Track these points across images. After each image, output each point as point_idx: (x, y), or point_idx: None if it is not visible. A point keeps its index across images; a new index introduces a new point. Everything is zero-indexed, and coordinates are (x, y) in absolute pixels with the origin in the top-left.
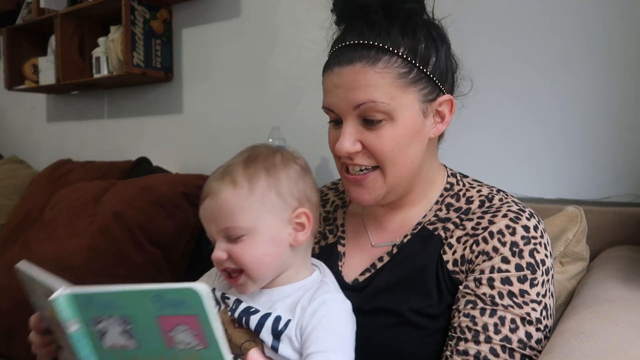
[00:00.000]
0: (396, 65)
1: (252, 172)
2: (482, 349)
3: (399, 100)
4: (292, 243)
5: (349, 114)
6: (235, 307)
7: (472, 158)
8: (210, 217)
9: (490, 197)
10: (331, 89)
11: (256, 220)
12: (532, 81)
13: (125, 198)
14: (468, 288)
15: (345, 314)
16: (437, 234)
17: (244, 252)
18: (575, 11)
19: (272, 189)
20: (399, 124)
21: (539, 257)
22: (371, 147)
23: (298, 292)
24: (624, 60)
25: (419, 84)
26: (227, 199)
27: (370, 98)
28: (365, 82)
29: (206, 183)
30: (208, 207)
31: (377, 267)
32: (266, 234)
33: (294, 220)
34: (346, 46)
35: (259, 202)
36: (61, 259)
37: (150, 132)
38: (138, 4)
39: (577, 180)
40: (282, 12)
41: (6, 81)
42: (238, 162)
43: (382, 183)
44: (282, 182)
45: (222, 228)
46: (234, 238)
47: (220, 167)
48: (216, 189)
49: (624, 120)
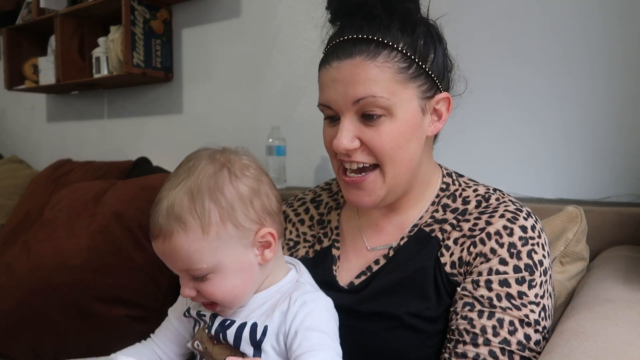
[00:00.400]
0: (396, 59)
1: (199, 207)
2: (481, 352)
3: (399, 96)
4: (261, 262)
5: (347, 110)
6: (212, 323)
7: (472, 158)
8: (165, 257)
9: (487, 196)
10: (329, 84)
11: (217, 258)
12: (531, 81)
13: (125, 198)
14: (466, 290)
15: (327, 310)
16: (434, 235)
17: (213, 289)
18: (575, 11)
19: (226, 221)
20: (398, 120)
21: (537, 257)
22: (370, 143)
23: (274, 295)
24: (624, 60)
25: (418, 80)
26: (180, 245)
27: (371, 93)
28: (365, 77)
29: (152, 215)
30: (161, 249)
31: (373, 270)
32: (231, 266)
33: (258, 241)
34: (345, 41)
35: (216, 241)
36: (61, 259)
37: (150, 132)
38: (138, 4)
39: (577, 180)
40: (282, 12)
41: (6, 81)
42: (181, 196)
43: (382, 184)
44: (236, 210)
45: (183, 269)
46: (199, 278)
47: (163, 199)
48: (165, 231)
49: (624, 120)
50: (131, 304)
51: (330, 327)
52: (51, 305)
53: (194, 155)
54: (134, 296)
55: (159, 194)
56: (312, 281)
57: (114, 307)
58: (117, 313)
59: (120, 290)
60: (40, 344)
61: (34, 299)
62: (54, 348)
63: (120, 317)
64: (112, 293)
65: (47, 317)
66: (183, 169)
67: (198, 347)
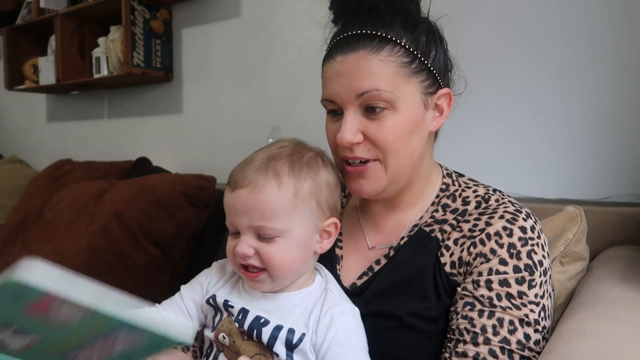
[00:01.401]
0: (399, 54)
1: (297, 173)
2: (481, 351)
3: (402, 90)
4: (317, 250)
5: (350, 104)
6: (243, 318)
7: (473, 157)
8: (244, 209)
9: (487, 197)
10: (332, 78)
11: (293, 224)
12: (532, 80)
13: (125, 198)
14: (466, 290)
15: (355, 322)
16: (434, 236)
17: (274, 254)
18: (578, 11)
19: (313, 196)
20: (401, 114)
21: (537, 258)
22: (373, 136)
23: (305, 300)
24: (625, 60)
25: (421, 75)
26: (270, 197)
27: (374, 86)
28: (369, 70)
29: (240, 169)
30: (243, 198)
31: (374, 270)
32: (298, 239)
33: (324, 229)
34: (349, 36)
35: (300, 207)
36: (61, 259)
37: (150, 132)
38: (138, 4)
39: (577, 180)
40: (282, 12)
41: (6, 81)
42: (282, 157)
43: (383, 174)
44: (322, 190)
45: (256, 225)
46: (266, 237)
47: (259, 155)
48: (258, 181)
49: (625, 120)
50: None
51: (360, 340)
52: None
53: (282, 140)
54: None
55: (250, 156)
56: (338, 287)
57: None
58: None
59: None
60: None
61: None
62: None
63: None
64: None
65: None
66: (276, 145)
67: (224, 339)
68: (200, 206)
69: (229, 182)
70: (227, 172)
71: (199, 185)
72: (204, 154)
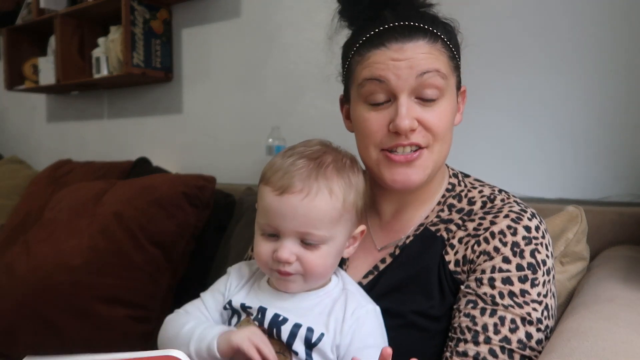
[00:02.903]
0: (446, 50)
1: (346, 183)
2: (481, 350)
3: (449, 81)
4: (344, 255)
5: (405, 88)
6: (262, 316)
7: (472, 157)
8: (293, 214)
9: (492, 197)
10: (387, 62)
11: (336, 232)
12: (531, 80)
13: (125, 198)
14: (469, 288)
15: (380, 323)
16: (439, 235)
17: (317, 261)
18: (574, 9)
19: (354, 206)
20: (448, 103)
21: (540, 257)
22: (428, 123)
23: (324, 300)
24: (625, 60)
25: (456, 71)
26: (323, 206)
27: (436, 67)
28: (430, 55)
29: (285, 173)
30: (295, 204)
31: (379, 269)
32: (338, 244)
33: (353, 235)
34: (400, 26)
35: (343, 216)
36: (61, 259)
37: (150, 132)
38: (138, 4)
39: (577, 180)
40: (282, 12)
41: (6, 81)
42: (329, 163)
43: (431, 162)
44: (360, 198)
45: (303, 231)
46: (311, 244)
47: (301, 159)
48: (311, 189)
49: (624, 120)
50: (131, 304)
51: (382, 340)
52: (51, 305)
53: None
54: (134, 296)
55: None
56: (358, 287)
57: (114, 307)
58: (117, 313)
59: (120, 291)
60: (40, 344)
61: (34, 299)
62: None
63: (120, 318)
64: (112, 293)
65: (47, 317)
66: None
67: None
68: (201, 206)
69: (270, 183)
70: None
71: (199, 185)
72: (204, 154)
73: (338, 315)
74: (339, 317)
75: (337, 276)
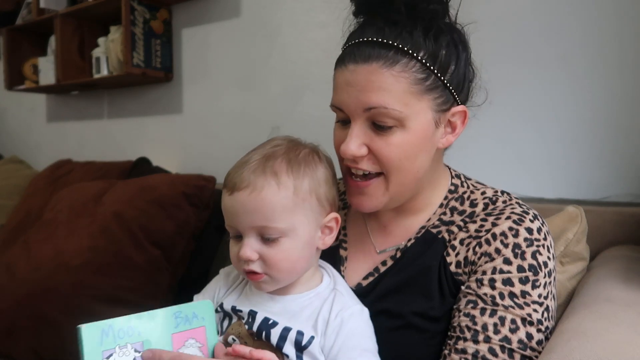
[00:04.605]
0: (414, 70)
1: (296, 171)
2: (481, 349)
3: (412, 108)
4: (320, 246)
5: (358, 116)
6: (252, 320)
7: (472, 157)
8: (244, 211)
9: (494, 199)
10: (343, 87)
11: (295, 222)
12: (531, 80)
13: (125, 198)
14: (470, 288)
15: (365, 324)
16: (440, 236)
17: (279, 255)
18: (574, 11)
19: (313, 193)
20: (410, 132)
21: (542, 259)
22: (378, 153)
23: (313, 302)
24: (624, 60)
25: (435, 92)
26: (271, 197)
27: (383, 103)
28: (380, 85)
29: (236, 171)
30: (243, 200)
31: (380, 271)
32: (303, 237)
33: (325, 224)
34: (364, 42)
35: (301, 205)
36: (61, 259)
37: (150, 132)
38: (138, 4)
39: (577, 180)
40: (282, 12)
41: (6, 81)
42: (279, 155)
43: (385, 191)
44: (321, 186)
45: (258, 226)
46: (270, 239)
47: (255, 155)
48: (257, 183)
49: (624, 120)
50: (131, 304)
51: (370, 342)
52: (51, 305)
53: (275, 138)
54: (134, 296)
55: (244, 157)
56: (347, 287)
57: (114, 307)
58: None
59: (120, 290)
60: (40, 344)
61: (34, 299)
62: (54, 348)
63: None
64: (112, 293)
65: (47, 317)
66: (270, 145)
67: (234, 341)
68: (200, 206)
69: (225, 184)
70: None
71: (199, 185)
72: (204, 154)
73: (324, 317)
74: (325, 318)
75: (329, 276)
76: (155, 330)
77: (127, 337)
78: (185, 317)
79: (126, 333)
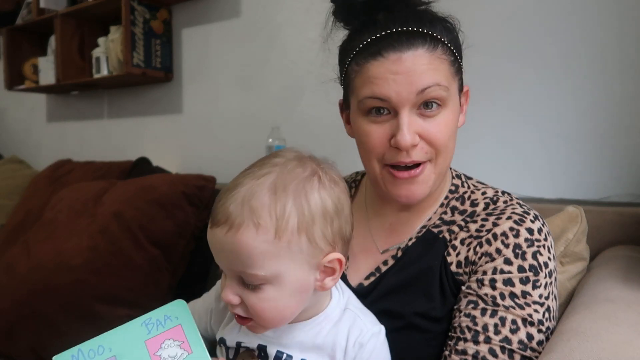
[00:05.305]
0: (448, 53)
1: (280, 207)
2: (481, 349)
3: (451, 88)
4: (318, 289)
5: (407, 103)
6: (264, 354)
7: (472, 157)
8: (222, 249)
9: (495, 199)
10: (385, 76)
11: (279, 269)
12: (531, 80)
13: (125, 198)
14: (470, 288)
15: (382, 346)
16: (441, 236)
17: (262, 304)
18: (574, 11)
19: (302, 233)
20: (450, 112)
21: (542, 259)
22: (429, 136)
23: (324, 326)
24: (625, 60)
25: (459, 74)
26: (246, 242)
27: (437, 81)
28: (429, 67)
29: (222, 198)
30: (220, 238)
31: (382, 270)
32: (290, 283)
33: (324, 265)
34: (397, 32)
35: (285, 249)
36: (61, 259)
37: (150, 132)
38: (138, 4)
39: (577, 180)
40: (282, 12)
41: (6, 81)
42: (263, 189)
43: (433, 175)
44: (316, 223)
45: (236, 270)
46: (251, 285)
47: (246, 179)
48: (235, 220)
49: (624, 120)
50: (131, 304)
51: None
52: (51, 305)
53: (280, 153)
54: (134, 296)
55: (235, 179)
56: (359, 303)
57: (114, 307)
58: (117, 313)
59: (120, 290)
60: (40, 344)
61: (34, 299)
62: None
63: (120, 317)
64: (112, 293)
65: (47, 317)
66: (268, 163)
67: None
68: (200, 206)
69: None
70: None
71: (199, 185)
72: (204, 154)
73: (342, 345)
74: (342, 345)
75: (339, 291)
76: (126, 342)
77: (97, 356)
78: (156, 322)
79: (96, 352)
